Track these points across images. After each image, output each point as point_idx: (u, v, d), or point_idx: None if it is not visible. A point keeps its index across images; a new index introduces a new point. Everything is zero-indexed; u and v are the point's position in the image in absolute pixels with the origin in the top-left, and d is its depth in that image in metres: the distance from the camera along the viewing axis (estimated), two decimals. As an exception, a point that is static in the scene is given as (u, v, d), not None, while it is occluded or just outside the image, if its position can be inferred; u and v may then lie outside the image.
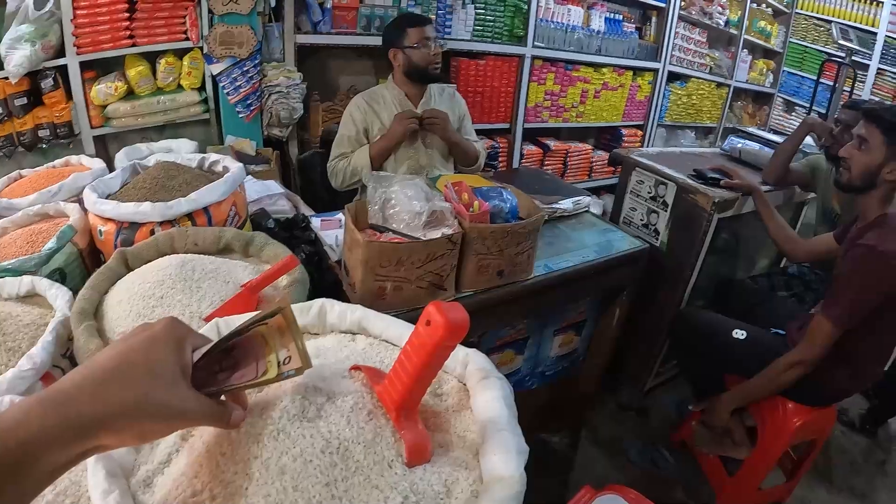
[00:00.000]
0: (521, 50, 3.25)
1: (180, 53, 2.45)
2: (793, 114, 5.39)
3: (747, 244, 2.66)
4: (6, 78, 2.19)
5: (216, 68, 2.43)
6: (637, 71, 4.03)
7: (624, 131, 4.12)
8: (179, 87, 2.50)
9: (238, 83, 2.50)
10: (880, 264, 1.62)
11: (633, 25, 3.97)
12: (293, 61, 2.60)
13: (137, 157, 1.87)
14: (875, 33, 5.15)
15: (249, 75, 2.48)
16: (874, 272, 1.64)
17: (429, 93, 2.30)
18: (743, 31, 4.80)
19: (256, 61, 2.47)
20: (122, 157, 1.89)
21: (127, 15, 2.32)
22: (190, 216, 1.20)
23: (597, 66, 3.73)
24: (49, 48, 2.23)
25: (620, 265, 1.82)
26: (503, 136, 3.43)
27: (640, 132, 4.25)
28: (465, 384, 0.69)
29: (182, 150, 2.01)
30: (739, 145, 2.83)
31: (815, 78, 4.82)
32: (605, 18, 3.72)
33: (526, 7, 3.18)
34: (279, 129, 2.63)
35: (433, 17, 2.83)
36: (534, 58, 3.33)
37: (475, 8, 3.03)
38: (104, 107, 2.39)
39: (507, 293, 1.46)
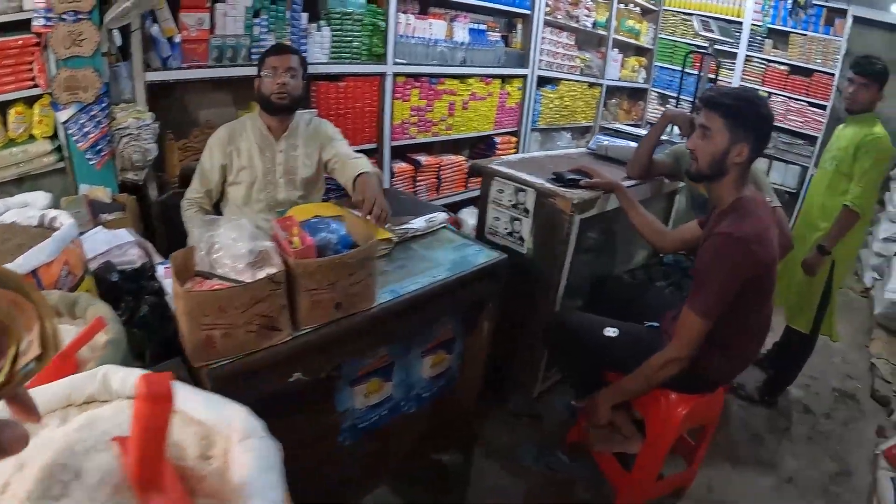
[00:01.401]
0: (381, 68, 3.50)
1: (31, 101, 2.47)
2: (667, 105, 5.80)
3: (621, 239, 2.93)
4: None
5: (63, 115, 2.42)
6: (506, 78, 4.39)
7: (497, 139, 4.50)
8: (32, 137, 2.52)
9: (86, 129, 2.49)
10: (738, 250, 1.73)
11: (499, 34, 4.32)
12: (144, 100, 2.64)
13: None
14: (741, 23, 5.54)
15: (97, 120, 2.48)
16: (732, 259, 1.74)
17: (294, 123, 2.44)
18: (612, 32, 5.29)
19: (104, 104, 2.48)
20: None
21: None
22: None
23: (462, 78, 4.04)
24: None
25: (477, 280, 1.93)
26: (371, 156, 3.60)
27: (514, 139, 4.65)
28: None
29: (38, 204, 2.06)
30: (606, 143, 3.15)
31: (696, 72, 5.22)
32: (470, 29, 4.02)
33: (384, 25, 3.42)
34: (134, 173, 2.64)
35: (287, 41, 3.01)
36: (395, 75, 3.58)
37: (331, 30, 3.23)
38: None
39: (350, 325, 1.52)
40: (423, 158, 3.98)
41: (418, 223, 2.10)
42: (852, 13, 5.54)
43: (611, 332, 2.08)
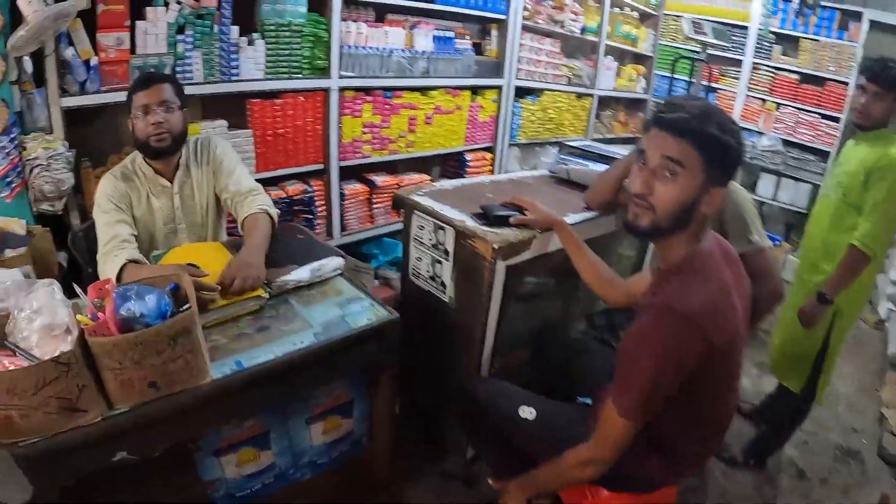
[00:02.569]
0: (325, 83, 3.44)
1: None
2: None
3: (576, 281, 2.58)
4: None
5: None
6: (477, 90, 4.34)
7: (469, 156, 4.43)
8: None
9: None
10: (679, 330, 1.33)
11: (470, 42, 4.23)
12: (61, 128, 2.64)
13: None
14: (746, 28, 5.23)
15: (6, 151, 2.48)
16: (670, 342, 1.35)
17: (184, 158, 2.30)
18: (604, 38, 5.18)
19: (13, 135, 2.49)
20: None
21: None
22: None
23: (424, 90, 3.99)
24: None
25: (357, 344, 1.80)
26: (318, 178, 3.65)
27: (489, 155, 4.58)
28: None
29: None
30: (567, 165, 2.87)
31: (687, 79, 4.89)
32: (434, 37, 3.96)
33: (327, 36, 3.34)
34: (49, 203, 2.64)
35: (216, 60, 2.99)
36: (342, 89, 3.52)
37: (265, 43, 3.17)
38: None
39: (176, 404, 1.44)
40: (380, 179, 3.94)
41: (301, 273, 1.99)
42: (868, 16, 5.38)
43: (527, 412, 1.82)
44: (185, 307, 1.43)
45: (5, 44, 2.40)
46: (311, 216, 3.58)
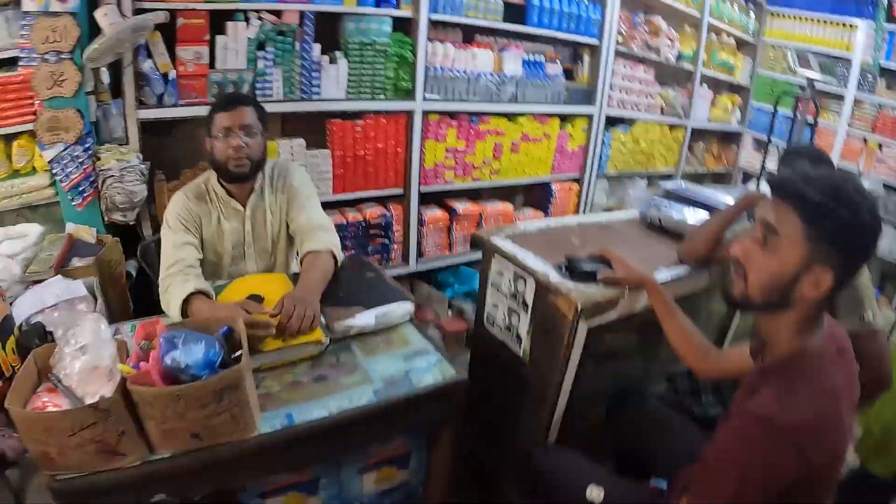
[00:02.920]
0: (409, 105, 3.32)
1: (34, 134, 2.58)
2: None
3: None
4: None
5: (48, 154, 2.50)
6: (567, 117, 4.12)
7: (555, 186, 4.22)
8: (34, 169, 2.69)
9: (69, 169, 2.53)
10: (776, 446, 1.11)
11: (561, 67, 4.02)
12: (137, 139, 2.67)
13: None
14: (850, 60, 4.76)
15: (80, 161, 2.52)
16: (765, 458, 1.13)
17: (260, 183, 2.19)
18: (700, 66, 4.87)
19: (87, 145, 2.52)
20: None
21: None
22: None
23: (512, 116, 3.81)
24: None
25: (416, 405, 1.62)
26: (397, 202, 3.54)
27: (576, 186, 4.36)
28: None
29: (31, 235, 2.38)
30: (658, 210, 2.57)
31: (786, 113, 4.50)
32: (524, 61, 3.77)
33: (412, 56, 3.23)
34: (121, 214, 2.66)
35: (296, 78, 2.95)
36: (427, 112, 3.39)
37: (349, 62, 3.09)
38: (-40, 189, 2.70)
39: (222, 455, 1.34)
40: (461, 206, 3.78)
41: (366, 319, 1.80)
42: None
43: (595, 493, 1.60)
44: (237, 354, 1.32)
45: (82, 55, 2.41)
46: (387, 241, 3.48)
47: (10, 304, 1.93)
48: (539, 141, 3.91)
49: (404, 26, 3.19)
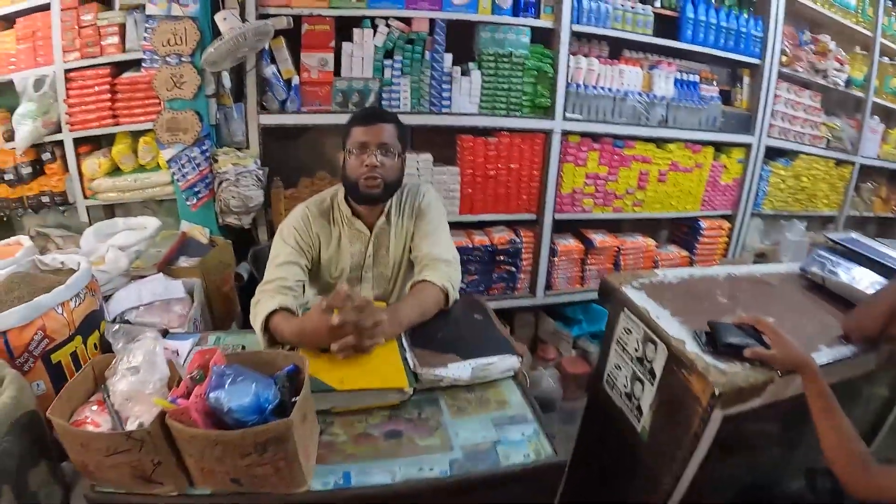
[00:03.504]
0: (547, 124, 3.05)
1: None
2: None
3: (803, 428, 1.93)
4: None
5: (167, 154, 2.58)
6: (722, 146, 3.67)
7: (704, 223, 3.75)
8: (158, 165, 2.84)
9: (185, 170, 2.58)
10: None
11: (717, 88, 3.60)
12: (257, 144, 2.67)
13: (109, 231, 2.41)
14: None
15: (196, 162, 2.57)
16: None
17: (389, 207, 1.99)
18: (871, 93, 4.25)
19: (204, 147, 2.57)
20: (89, 234, 2.37)
21: (110, 96, 2.78)
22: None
23: (661, 142, 3.42)
24: (49, 124, 2.81)
25: (503, 484, 1.32)
26: (528, 228, 3.27)
27: (727, 224, 3.85)
28: None
29: (149, 228, 2.45)
30: (822, 268, 2.07)
31: None
32: (676, 81, 3.41)
33: (552, 71, 2.97)
34: (235, 217, 2.68)
35: (425, 90, 2.82)
36: (566, 133, 3.08)
37: (482, 75, 2.90)
38: (93, 180, 2.90)
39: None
40: (598, 238, 3.43)
41: (461, 371, 1.53)
42: None
43: None
44: (297, 397, 1.16)
45: (201, 58, 2.47)
46: (514, 269, 3.24)
47: (108, 297, 1.97)
48: (690, 171, 3.50)
49: (544, 38, 2.97)
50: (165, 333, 1.73)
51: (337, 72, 2.72)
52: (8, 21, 2.89)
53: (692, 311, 1.71)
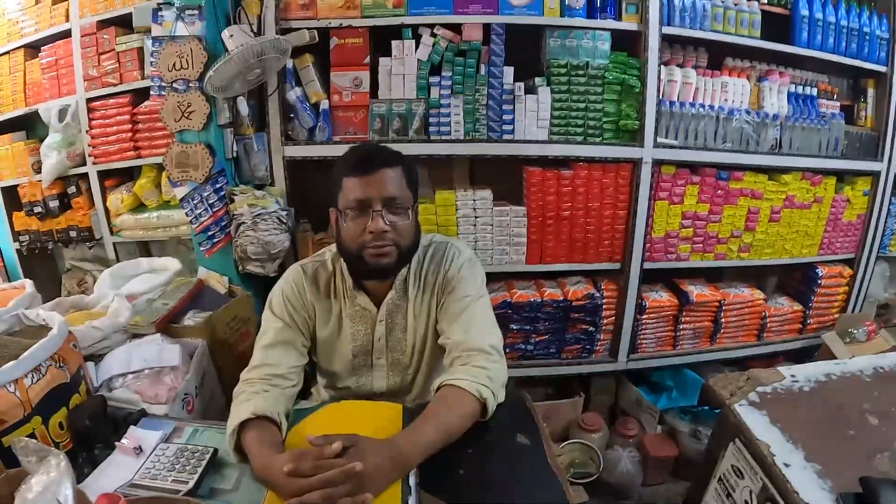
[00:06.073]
0: (634, 152, 2.47)
1: None
2: None
3: None
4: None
5: (179, 192, 2.32)
6: (844, 176, 2.97)
7: (821, 269, 3.02)
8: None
9: (198, 211, 2.28)
10: None
11: (838, 104, 2.93)
12: (283, 180, 2.36)
13: (131, 272, 2.30)
14: None
15: (209, 202, 2.27)
16: None
17: (404, 276, 1.54)
18: None
19: (218, 185, 2.26)
20: (106, 276, 2.25)
21: (130, 127, 2.67)
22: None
23: (773, 173, 2.76)
24: (75, 156, 2.77)
25: None
26: (610, 278, 2.73)
27: (848, 270, 3.10)
28: None
29: (170, 271, 2.29)
30: None
31: None
32: (790, 94, 2.75)
33: (639, 85, 2.42)
34: (257, 265, 2.36)
35: (482, 112, 2.37)
36: (659, 162, 2.50)
37: (552, 92, 2.40)
38: (118, 216, 2.84)
39: None
40: (696, 290, 2.80)
41: None
42: None
43: None
44: None
45: (205, 83, 2.19)
46: (593, 328, 2.70)
47: (98, 360, 1.72)
48: (808, 207, 2.84)
49: (627, 44, 2.45)
50: (144, 414, 1.46)
51: (374, 93, 2.39)
52: (34, 49, 2.84)
53: (835, 449, 1.16)
